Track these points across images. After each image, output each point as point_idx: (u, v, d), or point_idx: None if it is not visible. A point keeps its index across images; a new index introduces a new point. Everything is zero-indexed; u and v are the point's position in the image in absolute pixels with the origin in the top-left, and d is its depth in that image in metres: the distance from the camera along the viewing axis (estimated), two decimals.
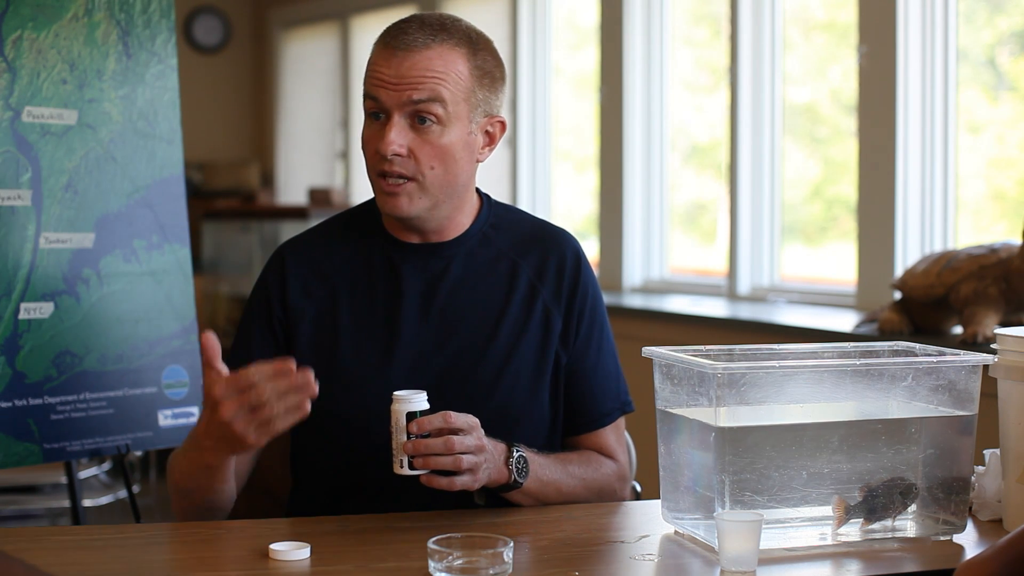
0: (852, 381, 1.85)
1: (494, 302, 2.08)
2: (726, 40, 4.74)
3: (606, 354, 2.14)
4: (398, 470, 1.82)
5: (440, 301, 2.06)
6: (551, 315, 2.09)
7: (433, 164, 1.98)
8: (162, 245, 2.89)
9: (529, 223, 2.18)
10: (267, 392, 1.74)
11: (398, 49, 1.96)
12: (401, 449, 1.82)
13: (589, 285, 2.14)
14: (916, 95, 3.95)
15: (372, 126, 2.00)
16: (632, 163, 5.14)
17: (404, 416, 1.82)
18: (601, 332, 2.14)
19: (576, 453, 2.10)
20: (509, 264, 2.11)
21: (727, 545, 1.67)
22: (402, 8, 6.68)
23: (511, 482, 1.93)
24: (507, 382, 2.05)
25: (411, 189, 1.99)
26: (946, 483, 1.85)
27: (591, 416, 2.13)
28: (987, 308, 3.20)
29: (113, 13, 2.81)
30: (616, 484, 2.12)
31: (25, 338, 2.65)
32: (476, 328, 2.06)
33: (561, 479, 2.02)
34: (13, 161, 2.64)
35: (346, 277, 2.08)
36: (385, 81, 1.96)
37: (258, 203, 6.97)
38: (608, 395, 2.14)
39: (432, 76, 1.95)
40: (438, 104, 1.95)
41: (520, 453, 1.94)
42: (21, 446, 2.64)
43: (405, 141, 1.96)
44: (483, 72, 2.01)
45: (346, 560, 1.73)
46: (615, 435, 2.16)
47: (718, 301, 4.69)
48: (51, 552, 1.77)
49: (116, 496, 5.18)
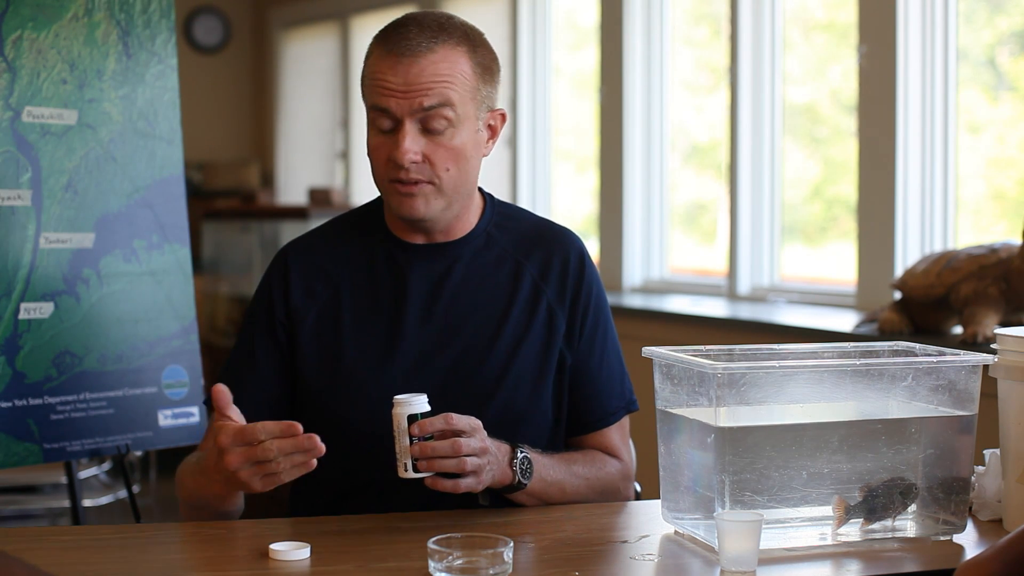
0: (852, 381, 1.85)
1: (498, 302, 2.08)
2: (726, 40, 4.74)
3: (611, 353, 2.14)
4: (403, 474, 1.82)
5: (444, 302, 2.06)
6: (555, 315, 2.09)
7: (448, 166, 1.98)
8: (162, 245, 2.89)
9: (532, 222, 2.18)
10: (273, 450, 1.74)
11: (403, 56, 1.94)
12: (405, 452, 1.81)
13: (593, 285, 2.14)
14: (916, 95, 3.95)
15: (380, 134, 1.98)
16: (632, 163, 5.14)
17: (406, 419, 1.81)
18: (605, 332, 2.14)
19: (580, 453, 2.10)
20: (513, 264, 2.11)
21: (727, 545, 1.67)
22: (402, 8, 6.69)
23: (515, 483, 1.93)
24: (510, 382, 2.04)
25: (428, 191, 1.99)
26: (946, 483, 1.85)
27: (596, 416, 2.13)
28: (987, 308, 3.20)
29: (113, 13, 2.81)
30: (620, 483, 2.12)
31: (25, 338, 2.65)
32: (479, 328, 2.06)
33: (565, 479, 2.02)
34: (13, 161, 2.64)
35: (349, 278, 2.08)
36: (393, 90, 1.94)
37: (258, 203, 6.97)
38: (613, 395, 2.14)
39: (440, 80, 1.94)
40: (448, 108, 1.95)
41: (524, 454, 1.94)
42: (21, 446, 2.64)
43: (419, 147, 1.96)
44: (484, 67, 2.01)
45: (346, 560, 1.73)
46: (620, 434, 2.15)
47: (718, 301, 4.69)
48: (51, 552, 1.77)
49: (116, 496, 5.18)
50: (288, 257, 2.12)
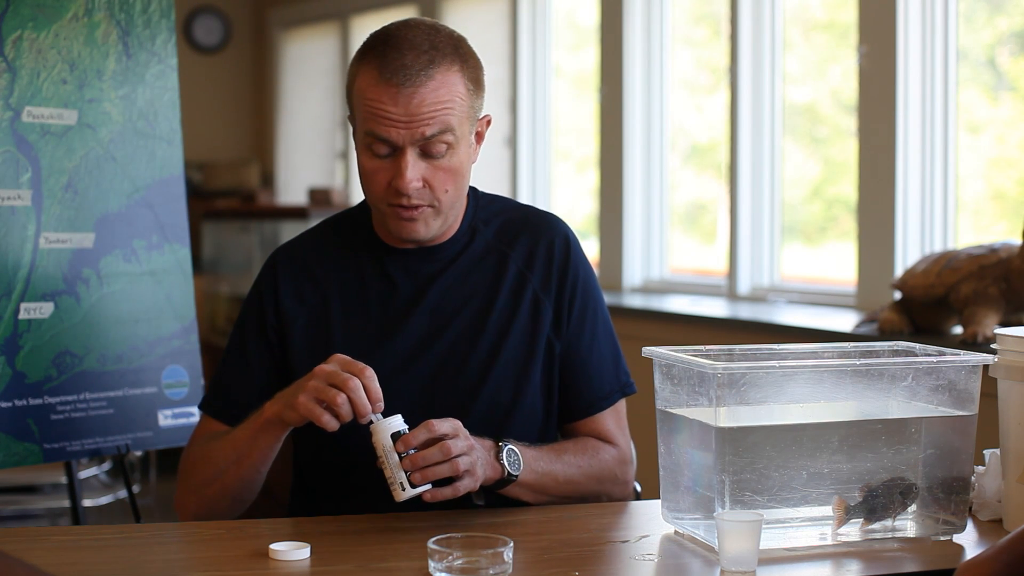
0: (852, 381, 1.85)
1: (482, 295, 2.08)
2: (726, 40, 4.74)
3: (601, 337, 2.13)
4: (400, 496, 1.81)
5: (432, 301, 2.07)
6: (541, 304, 2.09)
7: (447, 187, 1.98)
8: (162, 245, 2.89)
9: (516, 211, 2.17)
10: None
11: (402, 86, 1.92)
12: (398, 468, 1.81)
13: (580, 268, 2.13)
14: (916, 95, 3.95)
15: (377, 159, 1.97)
16: (632, 163, 5.14)
17: (389, 438, 1.81)
18: (595, 315, 2.13)
19: (571, 441, 2.09)
20: (497, 256, 2.11)
21: (727, 545, 1.67)
22: (402, 8, 6.68)
23: (505, 476, 1.92)
24: (497, 373, 2.04)
25: (428, 214, 2.00)
26: (946, 483, 1.85)
27: (588, 400, 2.11)
28: (987, 308, 3.20)
29: (113, 13, 2.81)
30: (617, 469, 2.11)
31: (25, 338, 2.65)
32: (465, 323, 2.06)
33: (556, 468, 2.01)
34: (13, 161, 2.64)
35: (338, 282, 2.09)
36: (395, 121, 1.93)
37: (258, 203, 6.97)
38: (605, 378, 2.12)
39: (441, 109, 1.94)
40: (449, 133, 1.95)
41: (509, 446, 1.94)
42: (21, 446, 2.64)
43: (420, 173, 1.96)
44: (475, 81, 2.00)
45: (346, 560, 1.73)
46: (614, 419, 2.14)
47: (718, 301, 4.69)
48: (51, 552, 1.77)
49: (116, 496, 5.18)
50: (277, 262, 2.13)
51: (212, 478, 2.00)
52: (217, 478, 1.99)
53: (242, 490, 1.99)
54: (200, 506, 2.02)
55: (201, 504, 2.02)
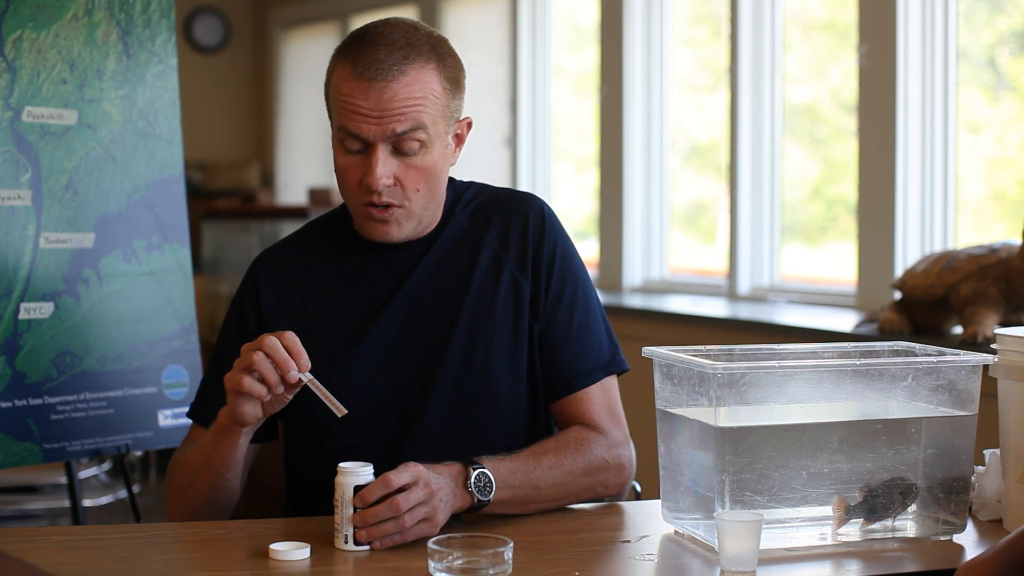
0: (852, 381, 1.85)
1: (458, 283, 2.05)
2: (726, 40, 4.74)
3: (582, 312, 2.06)
4: (341, 546, 1.76)
5: (410, 294, 2.05)
6: (519, 284, 2.06)
7: (419, 187, 1.97)
8: (162, 245, 2.89)
9: (490, 194, 2.14)
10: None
11: (374, 80, 1.92)
12: (347, 523, 1.75)
13: (557, 242, 2.08)
14: (916, 95, 3.95)
15: (350, 155, 1.97)
16: (632, 163, 5.14)
17: (351, 489, 1.76)
18: (575, 289, 2.07)
19: (551, 440, 2.00)
20: (472, 240, 2.08)
21: (727, 545, 1.67)
22: (402, 8, 6.68)
23: (475, 503, 1.86)
24: (478, 359, 2.02)
25: (399, 215, 1.99)
26: (946, 483, 1.85)
27: (567, 376, 2.04)
28: (987, 308, 3.20)
29: (113, 13, 2.81)
30: (607, 454, 2.01)
31: (25, 338, 2.65)
32: (443, 312, 2.04)
33: (536, 477, 1.93)
34: (13, 161, 2.64)
35: (317, 281, 2.09)
36: (366, 115, 1.92)
37: (258, 203, 6.97)
38: (587, 354, 2.05)
39: (413, 105, 1.92)
40: (421, 130, 1.94)
41: (479, 469, 1.86)
42: (21, 446, 2.64)
43: (391, 170, 1.95)
44: (452, 82, 1.99)
45: (346, 560, 1.73)
46: (602, 399, 2.05)
47: (718, 301, 4.69)
48: (51, 552, 1.77)
49: (116, 496, 5.18)
50: (258, 268, 2.13)
51: (186, 485, 2.00)
52: (190, 485, 1.98)
53: (215, 496, 1.97)
54: (181, 512, 2.01)
55: (182, 510, 2.01)
